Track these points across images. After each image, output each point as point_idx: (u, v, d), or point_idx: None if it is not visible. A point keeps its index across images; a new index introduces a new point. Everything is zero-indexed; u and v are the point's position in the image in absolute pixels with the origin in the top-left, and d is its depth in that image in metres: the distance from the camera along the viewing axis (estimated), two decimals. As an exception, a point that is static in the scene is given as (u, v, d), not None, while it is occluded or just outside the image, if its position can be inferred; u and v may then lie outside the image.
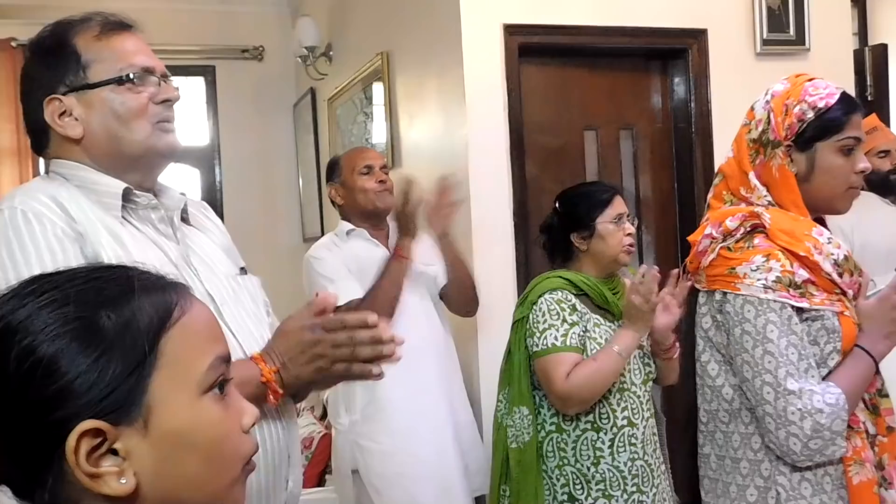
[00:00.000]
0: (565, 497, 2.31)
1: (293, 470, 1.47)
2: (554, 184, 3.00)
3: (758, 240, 1.58)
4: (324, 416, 4.12)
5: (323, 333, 1.31)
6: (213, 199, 5.53)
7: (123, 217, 1.39)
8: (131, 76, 1.41)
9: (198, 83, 5.59)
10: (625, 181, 3.51)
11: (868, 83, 4.24)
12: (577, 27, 3.25)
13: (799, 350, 1.51)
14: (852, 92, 3.72)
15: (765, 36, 3.48)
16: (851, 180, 1.63)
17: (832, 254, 1.57)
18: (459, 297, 2.88)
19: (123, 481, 0.76)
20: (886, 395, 1.63)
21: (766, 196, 1.63)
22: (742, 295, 1.55)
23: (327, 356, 1.31)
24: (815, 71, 3.51)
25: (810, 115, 1.60)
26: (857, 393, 1.54)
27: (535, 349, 2.31)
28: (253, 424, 0.86)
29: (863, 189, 3.79)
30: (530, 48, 3.20)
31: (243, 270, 1.56)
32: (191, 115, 5.56)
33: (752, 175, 1.65)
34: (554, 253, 2.53)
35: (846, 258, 1.58)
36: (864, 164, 1.63)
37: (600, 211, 2.41)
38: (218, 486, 0.82)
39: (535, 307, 2.34)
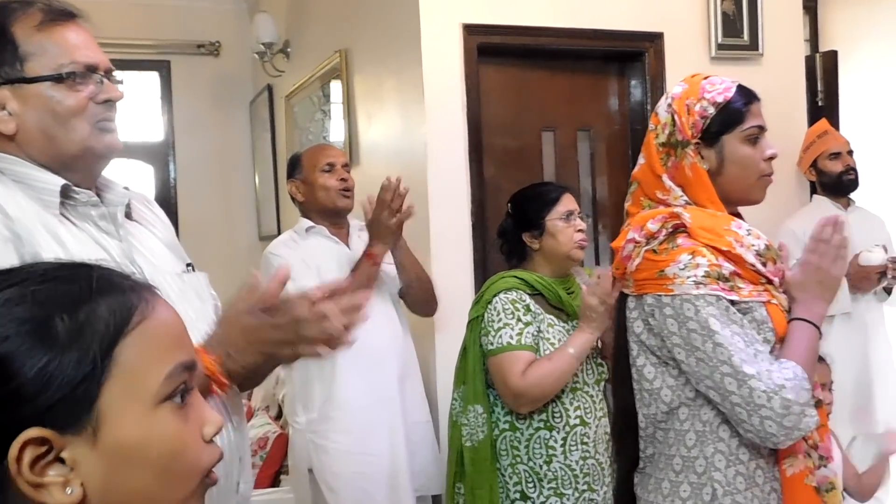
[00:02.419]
0: (518, 495, 2.32)
1: (244, 472, 1.45)
2: (512, 184, 3.01)
3: (681, 239, 1.59)
4: (279, 416, 4.09)
5: (264, 317, 1.25)
6: (168, 196, 5.46)
7: (62, 214, 1.33)
8: (72, 74, 1.33)
9: (152, 78, 5.51)
10: (582, 182, 3.53)
11: (819, 88, 4.32)
12: (535, 28, 3.26)
13: (743, 337, 1.53)
14: (804, 97, 3.84)
15: (719, 41, 3.53)
16: (762, 168, 1.66)
17: (753, 245, 1.60)
18: (417, 298, 2.88)
19: (69, 491, 0.72)
20: None
21: (682, 196, 1.66)
22: (677, 295, 1.56)
23: (270, 340, 1.25)
24: (768, 76, 3.60)
25: (711, 110, 1.64)
26: (810, 360, 1.56)
27: (489, 347, 2.32)
28: (216, 433, 0.82)
29: (815, 193, 3.89)
30: (489, 48, 3.21)
31: (190, 267, 1.51)
32: (145, 111, 5.48)
33: (665, 178, 1.67)
34: (510, 255, 2.54)
35: (767, 247, 1.61)
36: (771, 150, 1.67)
37: (549, 209, 2.43)
38: (172, 500, 0.78)
39: (489, 306, 2.35)
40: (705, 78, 1.71)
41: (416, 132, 3.21)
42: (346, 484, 2.72)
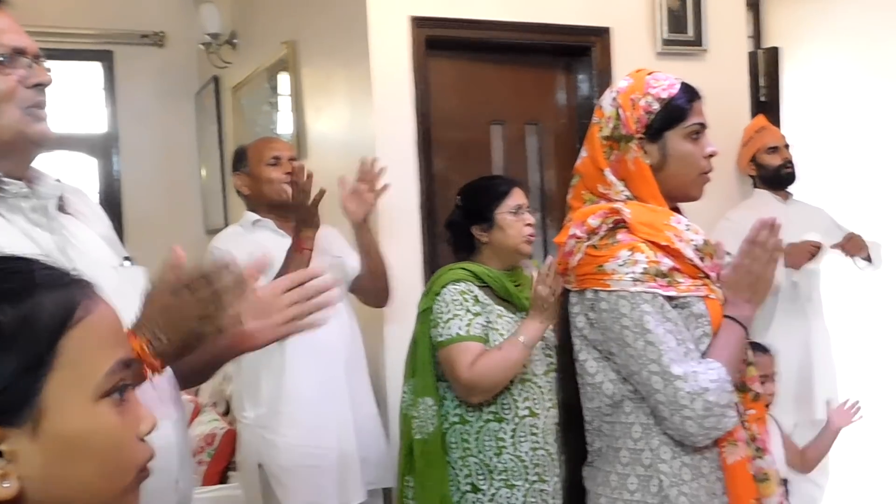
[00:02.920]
0: (469, 487, 2.33)
1: (184, 469, 1.43)
2: (461, 177, 3.01)
3: (620, 235, 1.61)
4: (227, 412, 4.05)
5: (185, 293, 1.24)
6: (112, 189, 5.36)
7: None
8: None
9: (95, 69, 5.40)
10: (530, 176, 3.55)
11: (761, 84, 4.41)
12: (484, 22, 3.27)
13: (676, 336, 1.56)
14: (747, 92, 3.90)
15: (665, 36, 3.58)
16: (702, 165, 1.69)
17: (692, 240, 1.62)
18: (373, 287, 2.86)
19: (6, 485, 0.72)
20: (752, 363, 1.69)
21: (623, 191, 1.67)
22: (614, 291, 1.57)
23: (194, 315, 1.23)
24: (713, 71, 3.65)
25: (656, 106, 1.66)
26: (735, 361, 1.60)
27: (438, 339, 2.33)
28: (150, 431, 0.82)
29: (755, 187, 3.98)
30: (438, 41, 3.20)
31: (127, 260, 1.48)
32: (88, 102, 5.36)
33: (607, 171, 1.69)
34: (458, 247, 2.55)
35: (706, 242, 1.64)
36: (711, 147, 1.70)
37: (499, 202, 2.45)
38: (109, 495, 0.78)
39: (438, 298, 2.36)
40: (650, 73, 1.73)
41: (364, 125, 3.19)
42: (297, 478, 2.71)
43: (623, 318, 1.56)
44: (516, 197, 2.48)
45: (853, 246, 3.57)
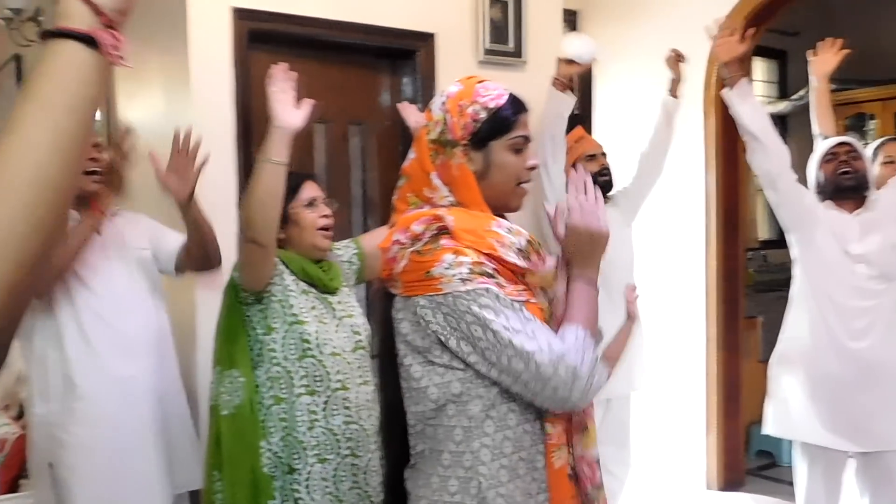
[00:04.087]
0: (287, 469, 2.30)
1: None
2: (281, 174, 2.96)
3: (444, 240, 1.62)
4: (20, 415, 3.78)
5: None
6: None
7: None
8: None
9: None
10: (353, 176, 3.55)
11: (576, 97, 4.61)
12: (309, 18, 3.23)
13: (519, 318, 1.58)
14: (561, 104, 4.07)
15: (487, 46, 3.68)
16: (521, 176, 1.73)
17: (514, 242, 1.65)
18: (201, 254, 2.71)
19: None
20: None
21: (448, 196, 1.69)
22: (448, 294, 1.58)
23: None
24: (531, 82, 3.79)
25: (483, 114, 1.68)
26: (592, 318, 1.64)
27: (236, 271, 2.34)
28: None
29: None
30: (261, 35, 3.13)
31: None
32: None
33: (433, 175, 1.70)
34: None
35: (529, 241, 1.68)
36: (533, 161, 1.74)
37: (291, 197, 2.42)
38: None
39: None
40: (480, 82, 1.73)
41: (181, 116, 3.07)
42: (90, 482, 2.54)
43: (465, 316, 1.57)
44: (309, 190, 2.47)
45: (673, 62, 3.84)
